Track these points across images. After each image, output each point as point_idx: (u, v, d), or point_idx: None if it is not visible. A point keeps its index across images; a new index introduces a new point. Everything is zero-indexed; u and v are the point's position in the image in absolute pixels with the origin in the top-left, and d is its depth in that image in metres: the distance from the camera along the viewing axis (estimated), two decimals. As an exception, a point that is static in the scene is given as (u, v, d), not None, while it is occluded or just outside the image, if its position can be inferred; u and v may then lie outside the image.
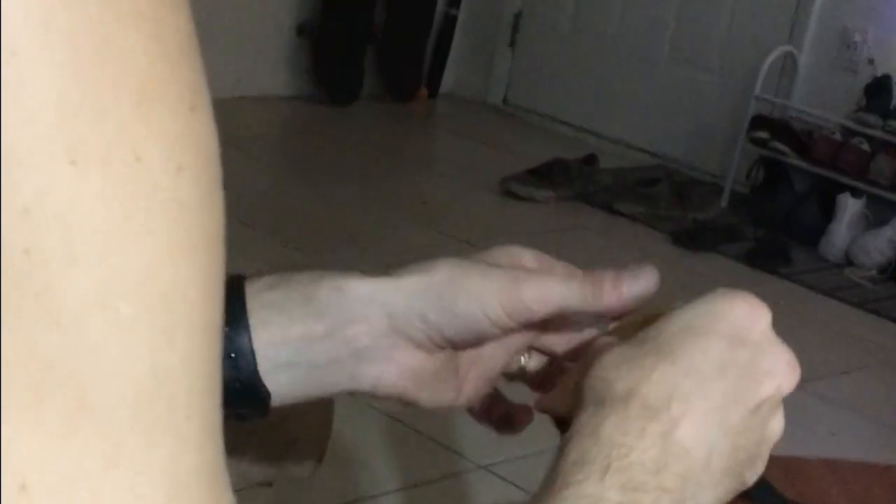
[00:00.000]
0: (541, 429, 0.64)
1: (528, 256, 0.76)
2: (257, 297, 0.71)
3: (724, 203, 3.96)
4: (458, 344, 0.73)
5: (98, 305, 0.35)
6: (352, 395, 0.73)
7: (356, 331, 0.71)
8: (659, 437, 0.61)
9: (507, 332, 0.72)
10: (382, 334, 0.71)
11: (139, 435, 0.36)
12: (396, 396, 0.73)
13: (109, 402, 0.35)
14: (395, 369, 0.72)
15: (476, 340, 0.72)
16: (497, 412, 0.82)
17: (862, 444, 2.64)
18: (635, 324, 0.72)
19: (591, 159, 3.88)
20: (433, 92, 4.64)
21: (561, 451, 0.62)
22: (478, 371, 0.78)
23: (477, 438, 2.30)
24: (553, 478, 0.61)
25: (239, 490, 1.16)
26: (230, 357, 0.69)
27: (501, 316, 0.71)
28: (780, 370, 0.63)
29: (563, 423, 0.77)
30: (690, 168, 4.22)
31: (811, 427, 2.55)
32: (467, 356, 0.76)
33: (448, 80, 4.70)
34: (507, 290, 0.71)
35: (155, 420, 0.36)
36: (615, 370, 0.63)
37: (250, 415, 0.72)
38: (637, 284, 0.72)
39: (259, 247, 2.95)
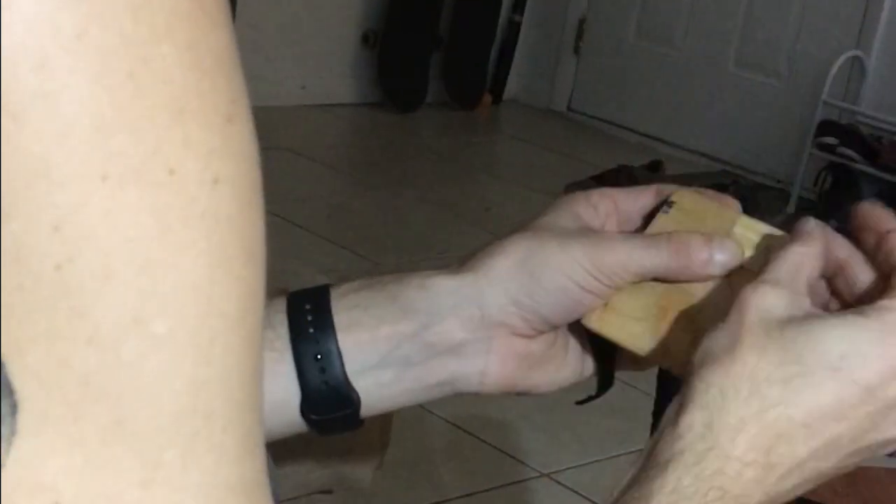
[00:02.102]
0: (605, 436, 0.62)
1: (590, 212, 0.74)
2: (342, 300, 0.70)
3: (791, 209, 3.91)
4: (557, 319, 0.71)
5: (133, 322, 0.34)
6: (459, 394, 0.72)
7: (448, 326, 0.69)
8: (751, 484, 0.60)
9: (600, 295, 0.70)
10: (477, 327, 0.70)
11: (176, 450, 0.35)
12: (507, 388, 0.72)
13: (146, 418, 0.35)
14: (498, 360, 0.71)
15: (573, 310, 0.71)
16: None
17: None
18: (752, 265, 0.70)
19: (656, 165, 3.85)
20: (497, 98, 4.63)
21: (658, 465, 0.60)
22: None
23: (540, 446, 2.29)
24: (647, 495, 0.59)
25: (298, 497, 1.15)
26: (316, 359, 0.68)
27: (591, 281, 0.70)
28: None
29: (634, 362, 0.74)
30: (757, 174, 4.17)
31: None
32: (579, 327, 0.73)
33: (512, 87, 4.69)
34: (591, 258, 0.70)
35: (192, 435, 0.35)
36: (735, 387, 0.60)
37: (342, 424, 0.71)
38: (726, 251, 0.70)
39: (322, 252, 2.96)
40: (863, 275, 0.66)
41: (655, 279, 0.71)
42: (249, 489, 0.37)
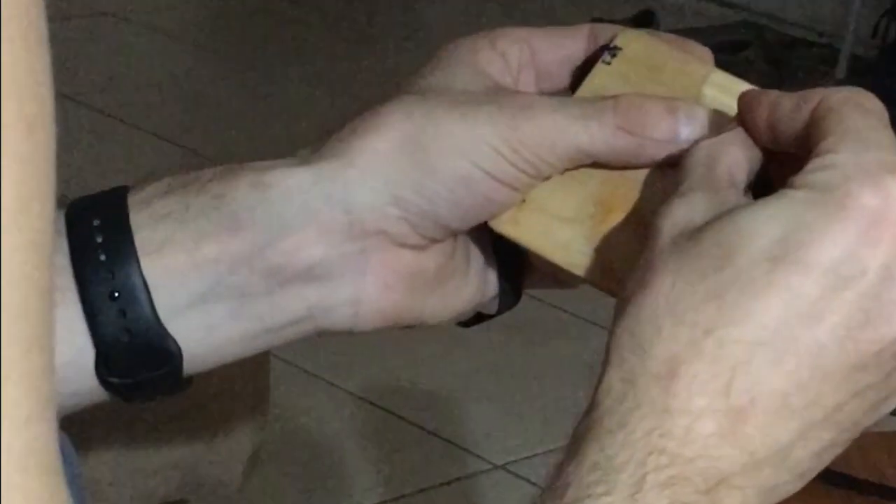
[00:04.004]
0: (568, 420, 0.63)
1: (497, 64, 0.73)
2: (145, 209, 0.69)
3: (840, 73, 3.94)
4: (457, 223, 0.71)
5: None
6: (322, 335, 0.72)
7: (300, 240, 0.69)
8: (714, 440, 0.60)
9: (517, 186, 0.70)
10: (343, 238, 0.70)
11: None
12: (389, 322, 0.73)
13: None
14: (377, 283, 0.71)
15: (479, 209, 0.70)
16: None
17: None
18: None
19: (645, 17, 3.87)
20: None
21: (576, 442, 0.61)
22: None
23: (487, 427, 2.32)
24: (565, 482, 0.60)
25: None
26: (113, 297, 0.68)
27: (505, 168, 0.69)
28: None
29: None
30: (791, 25, 4.20)
31: None
32: (482, 232, 0.73)
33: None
34: (504, 134, 0.69)
35: None
36: (651, 324, 0.61)
37: (158, 387, 0.71)
38: (695, 123, 0.70)
39: (171, 162, 2.90)
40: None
41: (594, 164, 0.70)
42: (44, 458, 0.39)
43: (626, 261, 0.67)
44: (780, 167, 0.67)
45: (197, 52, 3.76)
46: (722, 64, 0.72)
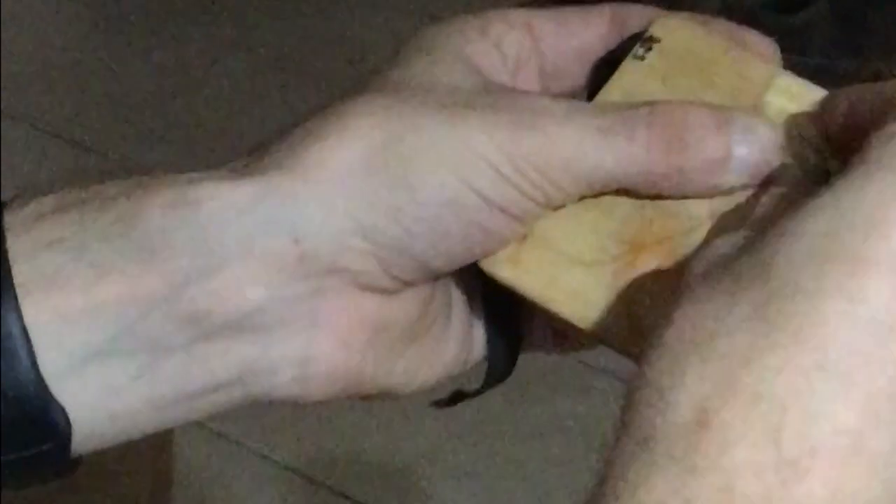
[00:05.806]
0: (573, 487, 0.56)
1: (492, 57, 0.74)
2: (28, 234, 0.70)
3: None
4: (440, 262, 0.72)
5: None
6: (261, 402, 0.73)
7: (233, 278, 0.70)
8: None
9: (520, 216, 0.71)
10: (290, 277, 0.71)
11: None
12: (347, 388, 0.74)
13: None
14: (332, 336, 0.72)
15: (470, 245, 0.72)
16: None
17: None
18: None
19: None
20: None
21: None
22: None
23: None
24: None
25: None
26: None
27: (506, 192, 0.70)
28: None
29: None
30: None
31: None
32: (469, 275, 0.75)
33: None
34: (506, 147, 0.70)
35: None
36: (674, 367, 0.58)
37: (38, 469, 0.71)
38: (754, 140, 0.71)
39: (57, 159, 2.95)
40: None
41: (620, 190, 0.71)
42: None
43: (658, 317, 0.66)
44: None
45: (82, 14, 3.72)
46: (777, 26, 0.65)
